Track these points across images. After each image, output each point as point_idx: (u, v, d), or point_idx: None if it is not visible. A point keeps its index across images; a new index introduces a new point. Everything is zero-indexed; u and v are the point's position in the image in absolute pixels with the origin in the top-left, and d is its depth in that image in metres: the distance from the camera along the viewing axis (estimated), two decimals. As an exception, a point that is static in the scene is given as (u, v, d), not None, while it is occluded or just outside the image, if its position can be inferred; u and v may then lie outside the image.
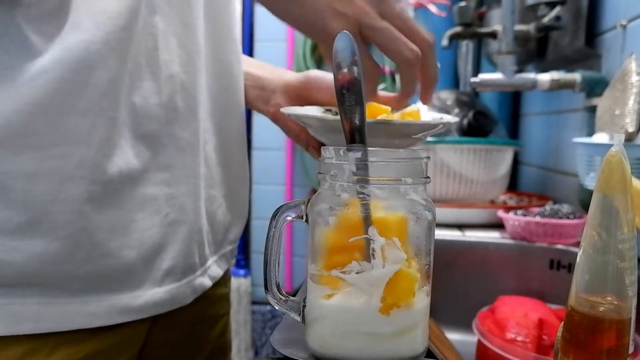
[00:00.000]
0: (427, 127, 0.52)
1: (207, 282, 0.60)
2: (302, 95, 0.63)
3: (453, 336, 0.79)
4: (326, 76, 0.62)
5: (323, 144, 0.60)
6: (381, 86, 0.61)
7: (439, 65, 0.50)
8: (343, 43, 0.42)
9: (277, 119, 0.65)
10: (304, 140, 0.63)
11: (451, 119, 0.55)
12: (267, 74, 0.68)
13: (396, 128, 0.50)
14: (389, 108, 0.53)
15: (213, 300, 0.67)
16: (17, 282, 0.43)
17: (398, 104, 0.53)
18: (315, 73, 0.63)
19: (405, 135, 0.52)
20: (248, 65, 0.68)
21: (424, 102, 0.53)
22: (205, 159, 0.58)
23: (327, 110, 0.59)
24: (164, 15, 0.49)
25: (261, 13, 1.99)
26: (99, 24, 0.43)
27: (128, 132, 0.47)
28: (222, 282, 0.69)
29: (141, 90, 0.48)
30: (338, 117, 0.52)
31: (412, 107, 0.54)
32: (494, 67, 1.24)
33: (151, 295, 0.51)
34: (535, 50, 1.17)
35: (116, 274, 0.47)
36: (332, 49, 0.42)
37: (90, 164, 0.43)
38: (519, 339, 0.65)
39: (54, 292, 0.44)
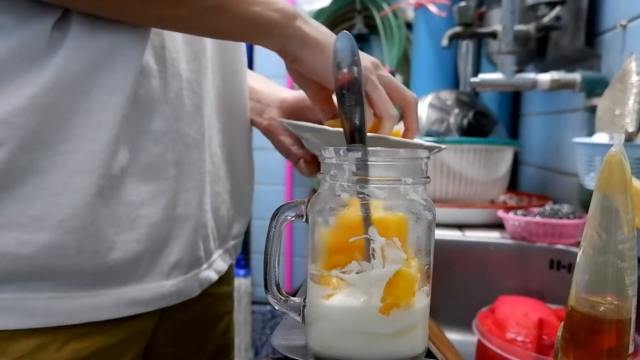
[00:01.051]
0: (422, 148, 0.53)
1: (213, 275, 0.61)
2: (296, 112, 0.65)
3: (453, 336, 0.79)
4: None
5: (316, 158, 0.61)
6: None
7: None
8: (343, 43, 0.42)
9: (269, 132, 0.67)
10: (294, 154, 0.64)
11: (442, 145, 0.58)
12: (264, 87, 0.70)
13: (392, 145, 0.50)
14: (400, 130, 0.56)
15: (217, 299, 0.68)
16: (30, 276, 0.44)
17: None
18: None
19: None
20: (247, 77, 0.70)
21: None
22: (210, 156, 0.58)
23: None
24: None
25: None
26: (107, 28, 0.45)
27: (136, 129, 0.48)
28: (226, 280, 0.69)
29: (148, 87, 0.49)
30: (335, 129, 0.53)
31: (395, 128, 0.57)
32: (494, 67, 1.24)
33: (159, 288, 0.51)
34: (535, 50, 1.17)
35: (124, 267, 0.48)
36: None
37: (97, 159, 0.44)
38: (519, 339, 0.65)
39: (64, 286, 0.45)
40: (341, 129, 0.53)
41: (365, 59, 0.52)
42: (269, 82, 0.72)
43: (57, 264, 0.44)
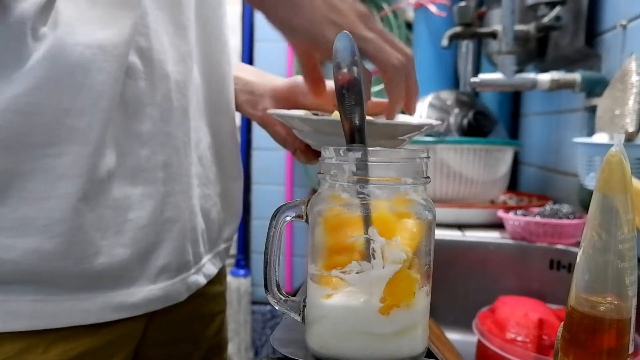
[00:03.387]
0: (411, 127, 0.52)
1: (201, 279, 0.60)
2: (289, 99, 0.64)
3: (453, 336, 0.79)
4: None
5: (309, 147, 0.61)
6: (378, 87, 0.61)
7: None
8: (343, 43, 0.42)
9: (265, 123, 0.67)
10: (291, 143, 0.64)
11: (434, 121, 0.56)
12: (256, 78, 0.69)
13: (380, 128, 0.50)
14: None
15: (209, 298, 0.68)
16: (13, 279, 0.43)
17: (388, 112, 0.53)
18: (302, 79, 0.64)
19: (390, 136, 0.52)
20: (238, 69, 0.70)
21: (409, 112, 0.55)
22: (199, 158, 0.58)
23: (314, 114, 0.60)
24: (155, 15, 0.50)
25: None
26: (94, 30, 0.44)
27: (123, 132, 0.48)
28: (218, 280, 0.69)
29: (135, 89, 0.48)
30: (322, 117, 0.52)
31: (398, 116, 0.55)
32: (494, 67, 1.24)
33: (145, 293, 0.51)
34: (535, 50, 1.17)
35: (110, 271, 0.48)
36: (332, 52, 0.42)
37: (84, 162, 0.44)
38: (519, 339, 0.65)
39: (49, 290, 0.45)
40: (327, 116, 0.52)
41: (351, 10, 0.49)
42: (261, 72, 0.71)
43: (41, 268, 0.43)
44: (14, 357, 0.44)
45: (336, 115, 0.54)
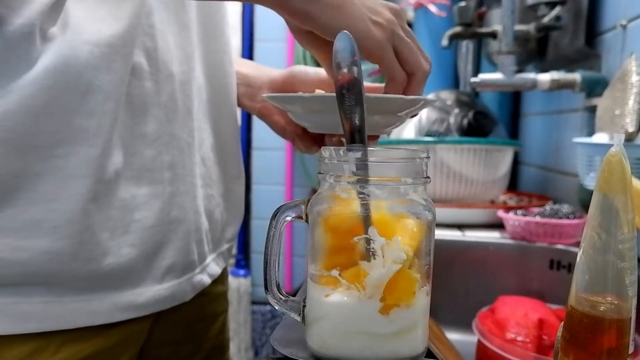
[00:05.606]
0: (405, 102, 0.50)
1: (206, 279, 0.61)
2: (287, 90, 0.64)
3: (453, 336, 0.79)
4: (309, 70, 0.63)
5: (307, 132, 0.61)
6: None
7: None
8: (343, 43, 0.42)
9: (264, 114, 0.67)
10: (290, 133, 0.64)
11: (429, 97, 0.55)
12: (253, 71, 0.70)
13: (374, 103, 0.48)
14: None
15: (211, 298, 0.68)
16: (23, 281, 0.43)
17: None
18: (299, 68, 0.65)
19: (385, 111, 0.51)
20: (235, 64, 0.70)
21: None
22: (202, 159, 0.58)
23: None
24: (161, 16, 0.50)
25: (261, 13, 1.99)
26: (101, 28, 0.44)
27: (129, 132, 0.48)
28: (220, 280, 0.69)
29: (141, 89, 0.48)
30: (312, 94, 0.51)
31: None
32: (494, 67, 1.24)
33: (152, 293, 0.51)
34: (535, 50, 1.17)
35: (118, 272, 0.48)
36: (376, 50, 0.42)
37: (93, 163, 0.44)
38: (519, 339, 0.65)
39: (58, 291, 0.45)
40: (322, 93, 0.52)
41: (386, 9, 0.48)
42: (258, 65, 0.72)
43: (51, 269, 0.43)
44: (25, 359, 0.44)
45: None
